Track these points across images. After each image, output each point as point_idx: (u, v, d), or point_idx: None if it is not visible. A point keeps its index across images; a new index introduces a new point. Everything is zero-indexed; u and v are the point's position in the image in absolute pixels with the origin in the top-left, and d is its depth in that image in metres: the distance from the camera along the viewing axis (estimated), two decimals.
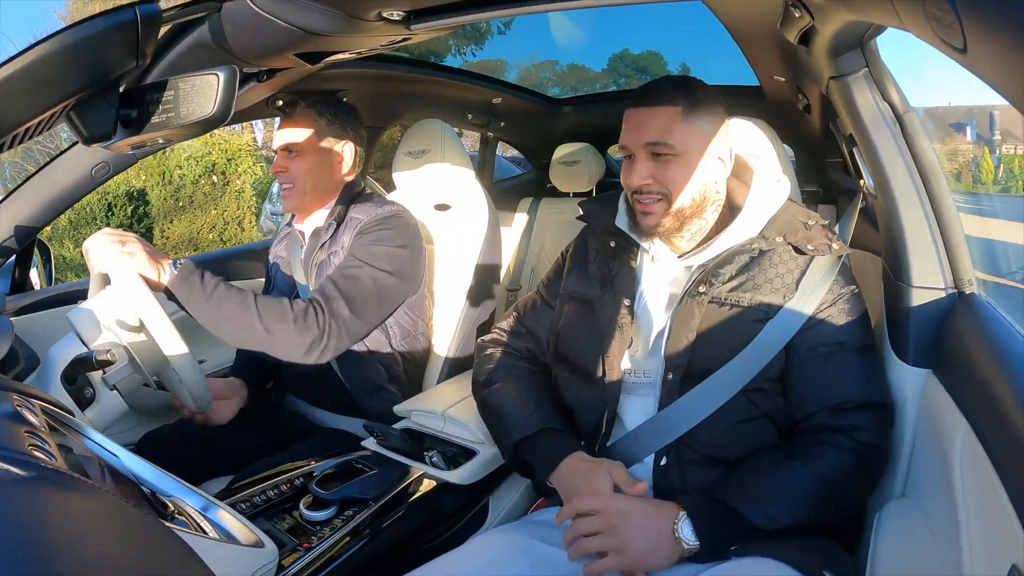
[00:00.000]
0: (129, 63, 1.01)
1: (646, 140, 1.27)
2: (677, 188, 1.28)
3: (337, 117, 1.87)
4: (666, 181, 1.27)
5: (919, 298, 1.26)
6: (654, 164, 1.28)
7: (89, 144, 1.03)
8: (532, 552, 1.17)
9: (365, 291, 1.69)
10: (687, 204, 1.29)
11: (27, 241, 1.77)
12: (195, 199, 8.95)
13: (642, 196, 1.29)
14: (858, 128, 1.34)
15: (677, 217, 1.30)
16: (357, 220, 1.81)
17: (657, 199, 1.28)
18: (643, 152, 1.28)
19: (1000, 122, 14.73)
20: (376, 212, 1.81)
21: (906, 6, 0.70)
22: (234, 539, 1.02)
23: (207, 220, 8.99)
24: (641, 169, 1.28)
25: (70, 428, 0.96)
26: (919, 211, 1.27)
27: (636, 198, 1.31)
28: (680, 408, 1.25)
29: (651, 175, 1.28)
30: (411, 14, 1.24)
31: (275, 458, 1.59)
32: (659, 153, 1.27)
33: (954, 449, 0.97)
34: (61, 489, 0.59)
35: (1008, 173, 15.79)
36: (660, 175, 1.27)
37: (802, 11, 1.14)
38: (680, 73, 20.09)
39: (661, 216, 1.29)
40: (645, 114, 1.28)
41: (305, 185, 1.84)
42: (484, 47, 14.26)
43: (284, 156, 1.84)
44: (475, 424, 1.50)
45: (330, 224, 1.84)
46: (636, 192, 1.30)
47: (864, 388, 1.22)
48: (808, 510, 1.12)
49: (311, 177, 1.84)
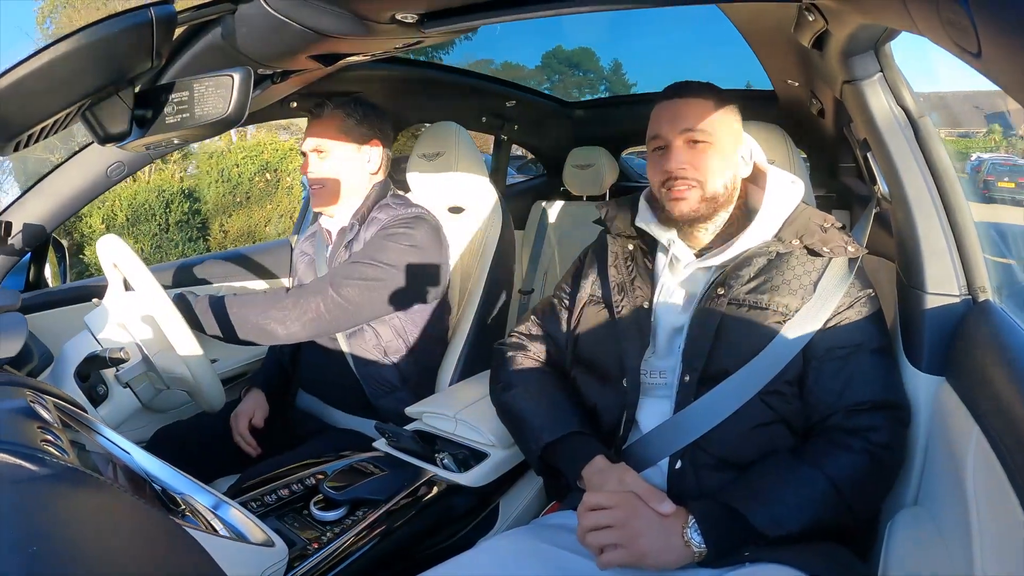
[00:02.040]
0: (144, 64, 1.01)
1: (684, 127, 1.29)
2: (712, 175, 1.30)
3: (366, 118, 1.87)
4: (702, 167, 1.29)
5: (933, 304, 1.25)
6: (690, 151, 1.30)
7: (104, 144, 1.04)
8: (543, 555, 1.17)
9: (360, 280, 1.70)
10: (720, 191, 1.31)
11: (42, 239, 1.79)
12: (251, 195, 9.34)
13: (676, 182, 1.30)
14: (872, 133, 1.33)
15: (710, 204, 1.31)
16: (379, 220, 1.81)
17: (691, 186, 1.30)
18: (679, 139, 1.30)
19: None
20: (398, 213, 1.81)
21: (920, 10, 0.70)
22: (244, 537, 1.03)
23: (263, 214, 9.41)
24: (678, 155, 1.30)
25: (83, 424, 0.96)
26: (933, 217, 1.26)
27: (669, 185, 1.32)
28: (696, 411, 1.24)
29: (687, 161, 1.29)
30: (425, 17, 1.24)
31: (286, 457, 1.59)
32: (696, 140, 1.29)
33: (967, 457, 0.96)
34: (73, 485, 0.59)
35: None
36: (696, 162, 1.29)
37: (816, 15, 1.14)
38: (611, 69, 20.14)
39: (696, 202, 1.30)
40: (682, 104, 1.31)
41: (335, 186, 1.85)
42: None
43: (314, 157, 1.85)
44: (487, 426, 1.50)
45: (353, 224, 1.85)
46: (669, 179, 1.31)
47: (880, 389, 1.22)
48: (818, 513, 1.12)
49: (340, 178, 1.85)
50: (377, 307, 1.75)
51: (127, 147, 1.05)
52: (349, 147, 1.85)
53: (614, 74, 20.11)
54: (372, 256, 1.72)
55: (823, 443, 1.20)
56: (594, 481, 1.24)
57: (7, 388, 0.86)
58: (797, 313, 1.25)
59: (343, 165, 1.85)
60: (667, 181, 1.32)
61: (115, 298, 1.46)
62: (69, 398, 1.04)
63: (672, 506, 1.14)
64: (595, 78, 20.33)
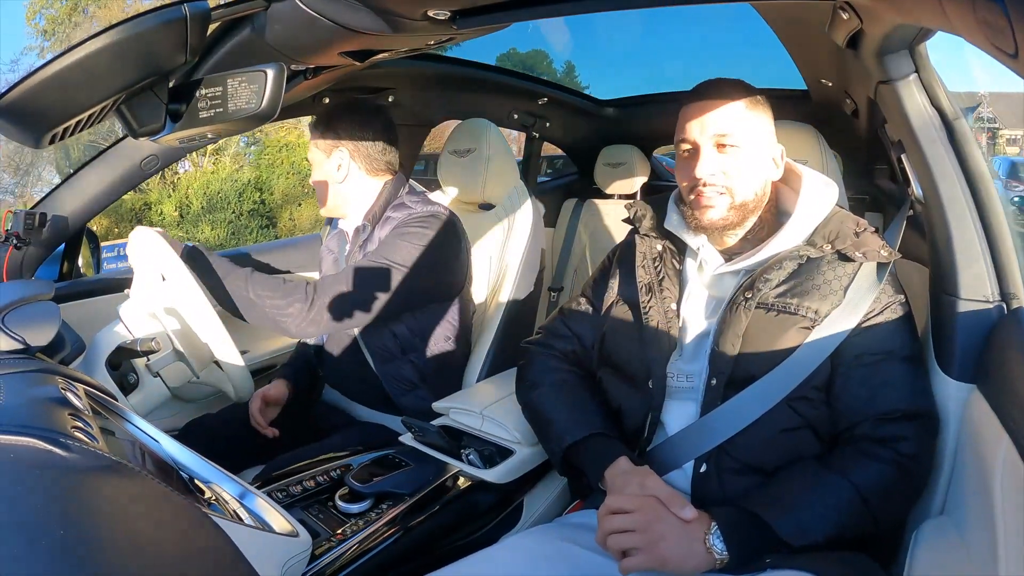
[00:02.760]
0: (178, 59, 1.03)
1: (714, 131, 1.27)
2: (742, 181, 1.28)
3: (328, 128, 1.86)
4: (732, 173, 1.27)
5: (965, 310, 1.23)
6: (720, 157, 1.28)
7: (138, 137, 1.06)
8: (565, 554, 1.17)
9: (364, 279, 1.70)
10: (750, 199, 1.29)
11: (76, 230, 1.82)
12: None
13: (705, 189, 1.28)
14: (907, 134, 1.32)
15: (740, 211, 1.30)
16: (393, 219, 1.82)
17: (720, 193, 1.28)
18: (708, 144, 1.28)
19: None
20: (412, 211, 1.81)
21: (956, 9, 0.69)
22: (269, 527, 1.03)
23: None
24: (708, 161, 1.27)
25: (113, 412, 0.98)
26: (968, 221, 1.24)
27: (698, 191, 1.29)
28: (722, 415, 1.23)
29: (717, 167, 1.27)
30: (457, 14, 1.24)
31: (312, 448, 1.61)
32: (725, 145, 1.27)
33: (996, 467, 0.95)
34: (102, 471, 0.60)
35: None
36: (726, 167, 1.27)
37: (850, 13, 1.12)
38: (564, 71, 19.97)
39: (725, 210, 1.29)
40: (712, 106, 1.28)
41: (323, 195, 1.89)
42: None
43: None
44: (513, 424, 1.50)
45: (365, 224, 1.86)
46: (697, 186, 1.29)
47: (910, 398, 1.19)
48: (843, 523, 1.10)
49: (324, 188, 1.88)
50: (385, 306, 1.74)
51: (161, 141, 1.06)
52: (320, 157, 1.87)
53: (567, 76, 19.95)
54: (383, 255, 1.72)
55: (850, 452, 1.18)
56: (616, 484, 1.23)
57: (39, 375, 0.88)
58: (826, 318, 1.23)
59: (320, 174, 1.88)
60: (695, 188, 1.30)
61: (147, 289, 1.48)
62: (100, 386, 1.06)
63: (694, 511, 1.13)
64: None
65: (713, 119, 1.27)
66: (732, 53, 23.50)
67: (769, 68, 2.19)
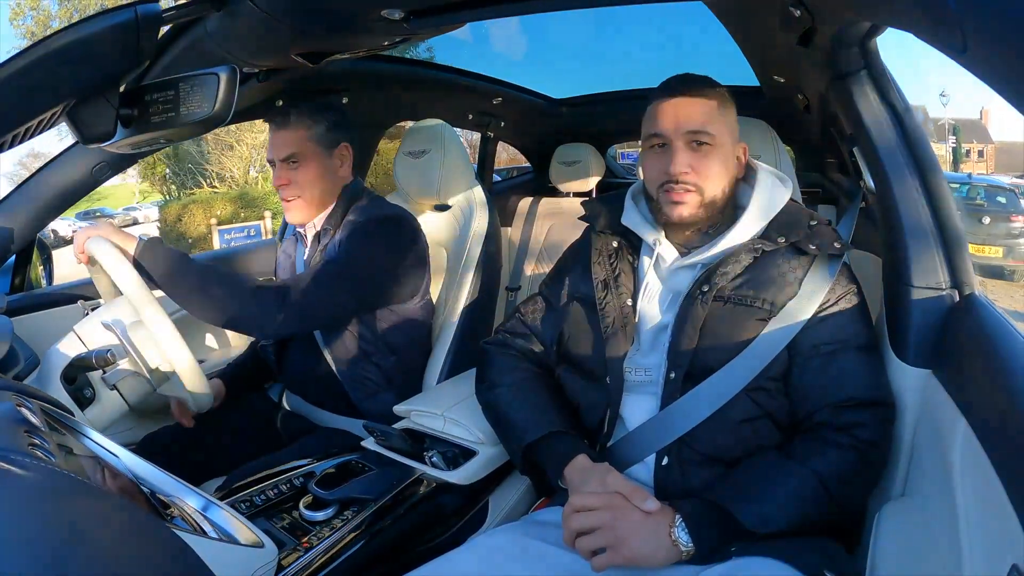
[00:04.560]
0: (129, 63, 1.01)
1: (689, 128, 1.28)
2: (712, 180, 1.29)
3: (335, 123, 1.83)
4: (704, 172, 1.28)
5: (919, 298, 1.25)
6: (693, 154, 1.28)
7: (89, 144, 1.03)
8: (532, 551, 1.17)
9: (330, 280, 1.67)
10: (718, 196, 1.31)
11: (27, 241, 1.77)
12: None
13: (676, 186, 1.29)
14: (858, 128, 1.34)
15: (708, 208, 1.31)
16: (352, 223, 1.79)
17: (689, 190, 1.29)
18: (682, 141, 1.28)
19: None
20: (372, 215, 1.80)
21: (906, 6, 0.70)
22: (234, 539, 1.02)
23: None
24: (681, 158, 1.28)
25: (70, 428, 0.96)
26: (919, 211, 1.27)
27: (668, 187, 1.30)
28: (682, 407, 1.25)
29: (690, 164, 1.28)
30: (411, 14, 1.24)
31: (274, 457, 1.59)
32: (700, 142, 1.28)
33: (954, 449, 0.97)
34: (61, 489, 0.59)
35: None
36: (698, 165, 1.28)
37: (802, 11, 1.14)
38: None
39: (695, 207, 1.30)
40: (687, 104, 1.29)
41: (312, 194, 1.81)
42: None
43: (285, 167, 1.79)
44: (475, 424, 1.50)
45: (327, 228, 1.83)
46: (669, 182, 1.30)
47: (866, 386, 1.22)
48: (806, 510, 1.12)
49: (316, 186, 1.81)
50: (344, 308, 1.74)
51: (112, 147, 1.04)
52: (321, 154, 1.81)
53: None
54: (346, 257, 1.70)
55: (810, 440, 1.20)
56: (576, 481, 1.24)
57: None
58: (782, 310, 1.25)
59: (317, 173, 1.81)
60: (666, 183, 1.30)
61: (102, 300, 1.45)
62: (56, 401, 1.03)
63: (656, 503, 1.14)
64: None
65: (688, 116, 1.28)
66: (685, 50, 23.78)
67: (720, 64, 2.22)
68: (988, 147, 44.20)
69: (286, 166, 1.78)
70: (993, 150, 44.07)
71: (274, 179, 1.82)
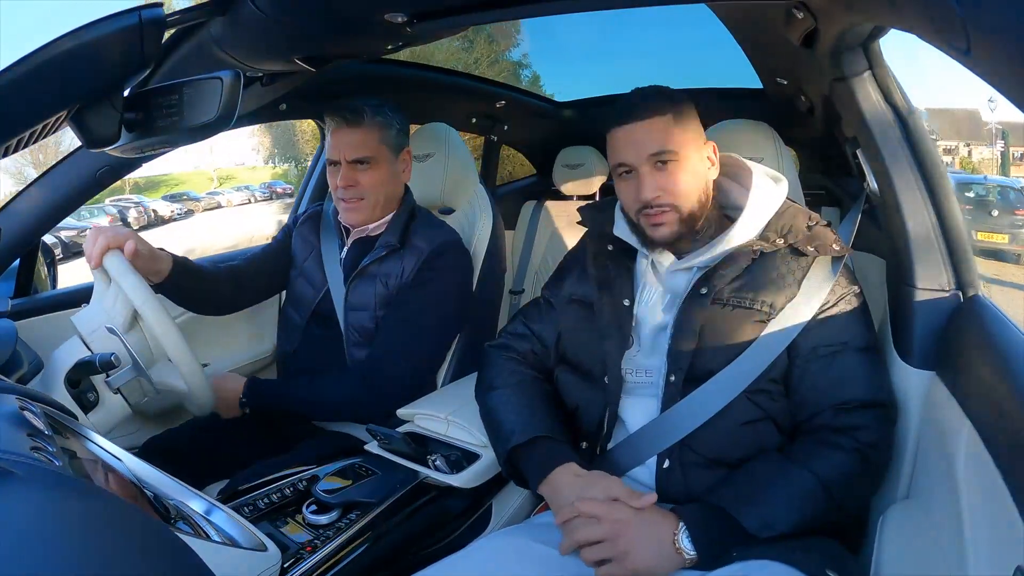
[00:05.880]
0: (133, 67, 1.01)
1: (649, 152, 1.28)
2: (684, 194, 1.29)
3: (403, 124, 1.81)
4: (674, 188, 1.29)
5: (923, 300, 1.26)
6: (659, 175, 1.29)
7: (93, 148, 1.03)
8: (535, 555, 1.17)
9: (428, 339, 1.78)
10: (695, 207, 1.31)
11: (31, 244, 1.77)
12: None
13: (651, 210, 1.30)
14: (861, 130, 1.34)
15: (688, 223, 1.31)
16: (418, 248, 1.78)
17: (666, 210, 1.29)
18: (647, 165, 1.29)
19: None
20: (436, 240, 1.80)
21: (909, 7, 0.70)
22: (237, 542, 1.02)
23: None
24: (649, 182, 1.28)
25: (73, 432, 0.96)
26: (923, 213, 1.27)
27: (645, 212, 1.31)
28: (682, 410, 1.25)
29: (659, 186, 1.28)
30: (414, 17, 1.24)
31: (277, 461, 1.59)
32: (664, 161, 1.28)
33: (958, 451, 0.97)
34: (64, 492, 0.59)
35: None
36: (667, 184, 1.28)
37: (805, 13, 1.14)
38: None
39: (674, 224, 1.30)
40: (640, 128, 1.29)
41: (377, 198, 1.80)
42: None
43: (352, 169, 1.76)
44: (479, 428, 1.50)
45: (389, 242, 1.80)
46: (645, 207, 1.30)
47: (867, 388, 1.22)
48: (808, 513, 1.12)
49: (382, 190, 1.79)
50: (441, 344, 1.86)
51: (116, 151, 1.04)
52: (390, 157, 1.79)
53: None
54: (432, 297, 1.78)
55: (811, 442, 1.20)
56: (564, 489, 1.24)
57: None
58: (782, 312, 1.25)
59: (385, 177, 1.78)
60: (643, 209, 1.31)
61: (106, 303, 1.45)
62: (59, 405, 1.03)
63: (653, 497, 1.15)
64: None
65: (645, 140, 1.28)
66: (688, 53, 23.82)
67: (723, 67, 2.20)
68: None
69: (354, 167, 1.76)
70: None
71: (339, 179, 1.77)
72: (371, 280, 1.79)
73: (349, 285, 1.82)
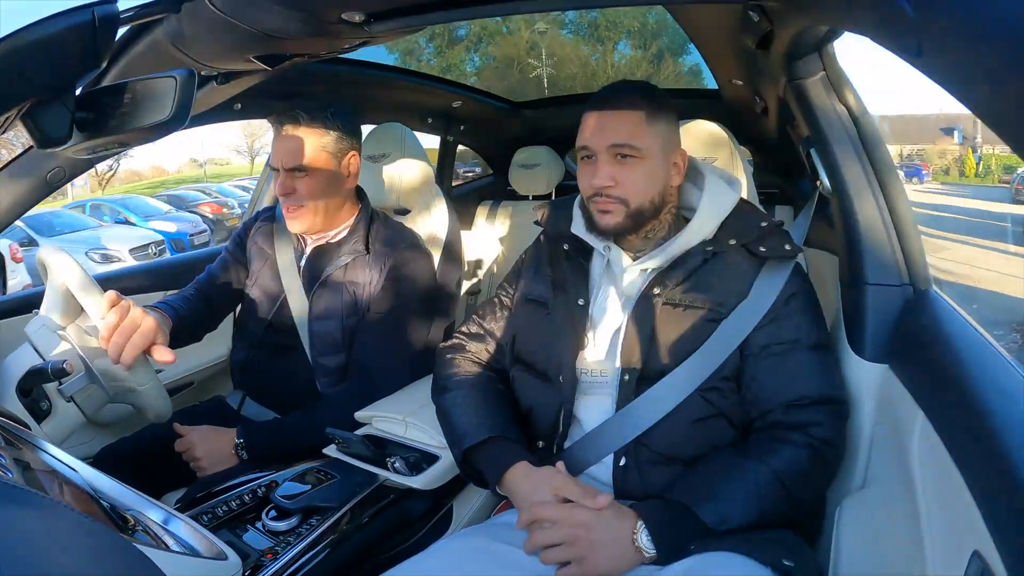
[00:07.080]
0: (86, 65, 0.98)
1: (612, 142, 1.28)
2: (636, 192, 1.30)
3: (344, 129, 1.74)
4: (627, 183, 1.29)
5: (876, 295, 1.28)
6: (617, 166, 1.29)
7: (44, 148, 1.00)
8: (496, 554, 1.18)
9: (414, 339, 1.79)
10: (646, 207, 1.31)
11: None
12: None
13: (600, 198, 1.31)
14: (815, 130, 1.36)
15: (635, 219, 1.31)
16: (383, 253, 1.76)
17: (615, 201, 1.30)
18: (607, 154, 1.29)
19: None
20: (398, 243, 1.79)
21: (862, 10, 0.71)
22: (196, 552, 1.00)
23: None
24: (604, 170, 1.29)
25: (26, 442, 0.94)
26: (875, 210, 1.30)
27: (595, 199, 1.32)
28: (636, 408, 1.26)
29: (613, 177, 1.29)
30: (371, 17, 1.23)
31: (236, 468, 1.56)
32: (624, 155, 1.28)
33: (912, 441, 0.99)
34: (18, 505, 0.57)
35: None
36: (622, 177, 1.29)
37: (761, 16, 1.16)
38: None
39: (620, 217, 1.31)
40: (611, 117, 1.29)
41: (316, 205, 1.73)
42: None
43: (289, 176, 1.70)
44: (436, 429, 1.49)
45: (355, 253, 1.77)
46: (596, 194, 1.31)
47: (818, 384, 1.24)
48: (764, 507, 1.14)
49: (322, 197, 1.73)
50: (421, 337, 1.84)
51: (68, 151, 1.01)
52: (330, 163, 1.73)
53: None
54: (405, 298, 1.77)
55: (766, 439, 1.22)
56: (520, 489, 1.25)
57: None
58: (733, 312, 1.27)
59: (323, 184, 1.72)
60: (594, 195, 1.32)
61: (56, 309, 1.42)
62: (11, 415, 1.01)
63: (607, 498, 1.15)
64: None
65: (612, 129, 1.29)
66: None
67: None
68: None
69: (291, 175, 1.70)
70: None
71: (277, 187, 1.71)
72: (337, 289, 1.76)
73: (312, 295, 1.79)
